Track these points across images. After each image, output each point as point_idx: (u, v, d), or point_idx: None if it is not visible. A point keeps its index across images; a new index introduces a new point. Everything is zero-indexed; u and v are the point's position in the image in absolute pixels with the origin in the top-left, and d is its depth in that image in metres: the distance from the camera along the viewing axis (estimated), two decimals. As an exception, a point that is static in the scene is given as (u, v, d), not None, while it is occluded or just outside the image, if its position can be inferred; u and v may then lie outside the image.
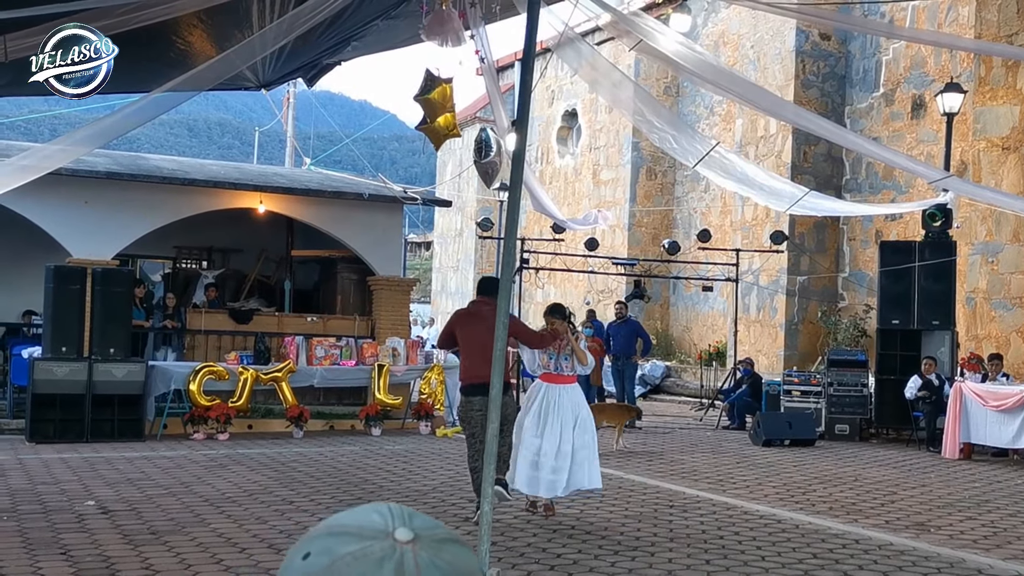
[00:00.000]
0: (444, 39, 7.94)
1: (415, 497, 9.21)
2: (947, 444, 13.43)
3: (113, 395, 12.87)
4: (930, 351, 15.03)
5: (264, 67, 9.93)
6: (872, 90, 20.81)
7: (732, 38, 23.83)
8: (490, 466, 5.31)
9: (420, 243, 52.62)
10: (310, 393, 14.78)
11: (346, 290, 17.34)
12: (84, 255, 14.42)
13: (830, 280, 21.26)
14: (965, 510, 9.34)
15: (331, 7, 7.88)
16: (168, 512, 8.22)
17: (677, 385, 22.61)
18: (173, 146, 65.80)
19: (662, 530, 7.96)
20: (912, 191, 18.80)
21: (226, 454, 11.85)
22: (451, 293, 35.86)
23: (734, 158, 12.10)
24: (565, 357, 8.49)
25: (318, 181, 17.46)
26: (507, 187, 8.61)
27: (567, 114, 31.05)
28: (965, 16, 18.22)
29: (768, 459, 12.66)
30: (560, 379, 8.47)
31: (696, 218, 24.94)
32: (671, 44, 9.04)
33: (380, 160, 67.87)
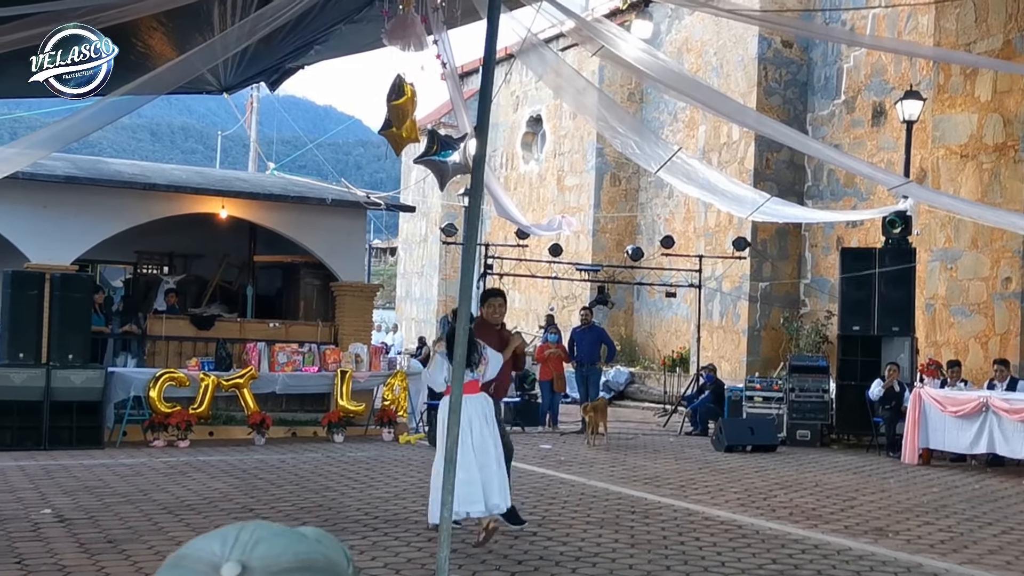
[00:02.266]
0: (406, 44, 7.93)
1: (376, 504, 9.16)
2: (906, 449, 13.55)
3: (72, 402, 12.71)
4: (890, 357, 15.16)
5: (225, 70, 9.86)
6: (833, 97, 20.99)
7: (696, 44, 23.97)
8: (450, 472, 5.29)
9: (385, 248, 52.48)
10: (272, 400, 14.66)
11: (309, 296, 17.23)
12: (43, 260, 14.24)
13: (792, 286, 21.41)
14: (923, 515, 9.42)
15: (293, 10, 7.84)
16: (126, 520, 8.13)
17: (641, 391, 22.68)
18: (136, 150, 65.31)
19: (623, 536, 7.97)
20: (873, 198, 18.97)
21: (186, 461, 11.74)
22: (416, 299, 35.79)
23: (696, 164, 12.18)
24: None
25: (281, 186, 17.35)
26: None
27: (532, 120, 31.11)
28: (924, 25, 18.42)
29: (730, 465, 12.71)
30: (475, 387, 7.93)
31: (660, 224, 25.04)
32: (633, 50, 9.07)
33: (345, 165, 67.64)
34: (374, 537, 7.71)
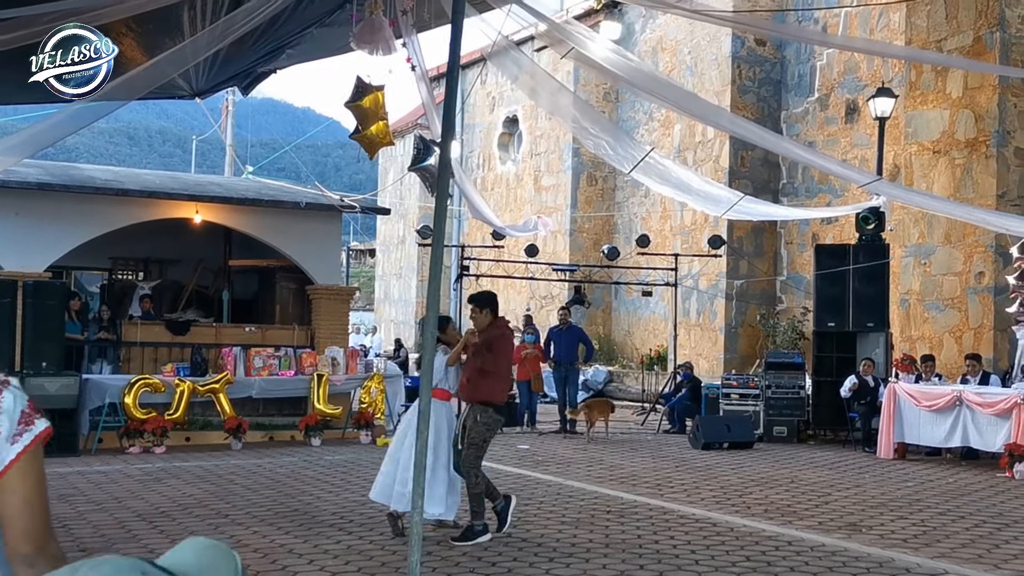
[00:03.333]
0: (374, 48, 7.94)
1: (352, 507, 9.16)
2: (882, 444, 13.63)
3: (46, 410, 12.57)
4: (865, 352, 15.25)
5: (197, 75, 9.83)
6: (807, 95, 21.10)
7: (670, 44, 24.04)
8: (419, 475, 5.30)
9: (364, 250, 52.42)
10: (249, 404, 14.61)
11: (285, 300, 17.20)
12: (15, 267, 14.16)
13: (768, 283, 21.50)
14: (897, 509, 9.49)
15: (263, 14, 7.83)
16: (99, 528, 8.10)
17: (619, 390, 22.71)
18: (113, 155, 64.95)
19: (598, 536, 7.99)
20: (847, 195, 19.07)
21: (162, 467, 11.70)
22: (394, 300, 35.75)
23: (669, 164, 12.23)
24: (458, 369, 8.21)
25: (255, 190, 17.30)
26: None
27: (508, 120, 31.13)
28: (896, 22, 18.54)
29: (707, 462, 12.76)
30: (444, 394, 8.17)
31: (636, 223, 25.11)
32: (603, 51, 9.10)
33: (324, 167, 67.50)
34: (348, 541, 7.70)
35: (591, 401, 16.80)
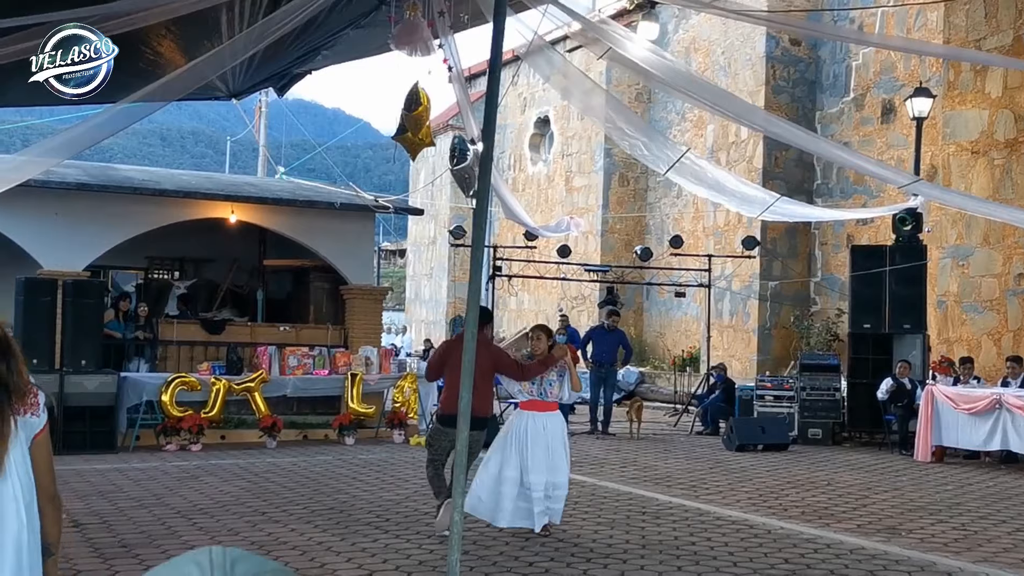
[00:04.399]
0: (413, 49, 7.96)
1: (388, 506, 9.19)
2: (919, 447, 13.52)
3: (85, 407, 12.77)
4: (902, 355, 15.12)
5: (234, 77, 9.89)
6: (842, 95, 20.96)
7: (703, 44, 23.95)
8: (460, 476, 5.30)
9: (394, 251, 52.55)
10: (283, 403, 14.70)
11: (319, 299, 17.26)
12: (55, 267, 14.31)
13: (802, 285, 21.38)
14: (936, 513, 9.40)
15: (301, 17, 7.87)
16: (139, 525, 8.17)
17: (651, 391, 22.65)
18: (146, 155, 65.46)
19: (634, 537, 7.97)
20: (883, 195, 18.94)
21: (198, 465, 11.78)
22: (425, 301, 35.82)
23: (705, 164, 12.18)
24: (550, 382, 8.14)
25: (289, 191, 17.39)
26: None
27: (539, 121, 31.12)
28: (934, 21, 18.39)
29: (741, 464, 12.70)
30: (544, 406, 8.14)
31: (669, 224, 25.03)
32: (639, 51, 9.07)
33: (354, 168, 67.70)
34: (385, 539, 7.73)
35: (634, 401, 17.16)
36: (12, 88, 9.18)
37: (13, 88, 9.21)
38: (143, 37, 8.37)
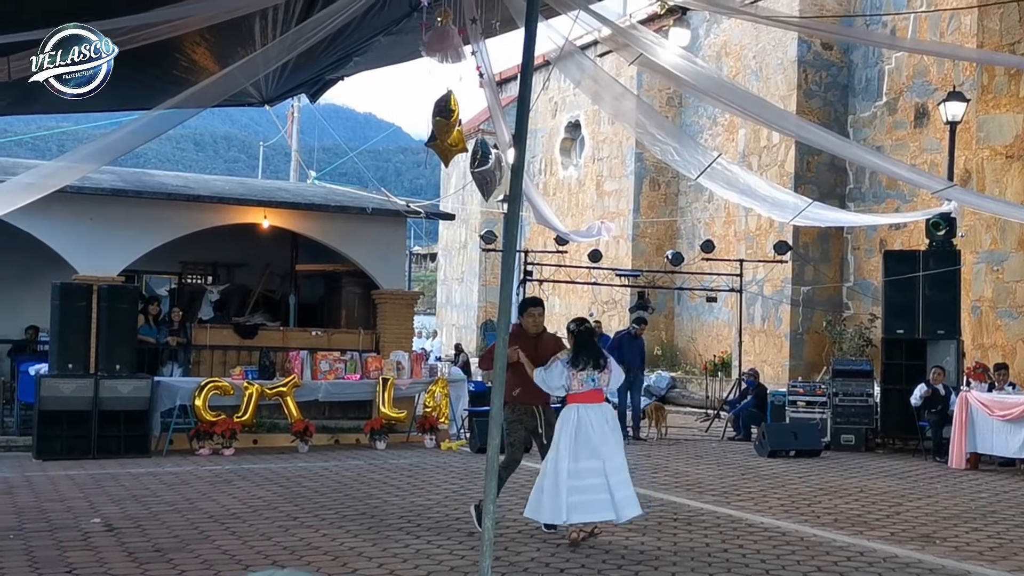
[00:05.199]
0: (444, 55, 7.98)
1: (419, 511, 9.21)
2: (953, 454, 13.41)
3: (119, 411, 12.91)
4: (935, 360, 15.00)
5: (267, 83, 9.98)
6: (875, 99, 20.83)
7: (734, 49, 23.88)
8: (491, 481, 5.32)
9: (425, 255, 52.69)
10: (315, 407, 14.79)
11: (350, 304, 17.35)
12: (90, 272, 14.46)
13: (835, 290, 21.25)
14: (971, 521, 9.32)
15: (333, 24, 7.92)
16: (173, 529, 8.24)
17: (682, 396, 22.59)
18: (179, 160, 66.03)
19: (666, 544, 7.96)
20: (916, 200, 18.80)
21: (231, 469, 11.87)
22: (456, 305, 35.89)
23: (736, 169, 12.12)
24: (591, 377, 7.99)
25: (322, 196, 17.50)
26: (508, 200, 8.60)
27: (570, 125, 31.13)
28: (967, 25, 18.24)
29: (773, 470, 12.64)
30: (589, 396, 7.98)
31: (700, 228, 24.96)
32: (670, 57, 9.06)
33: (385, 172, 67.95)
34: (417, 545, 7.75)
35: (656, 404, 17.52)
36: (46, 94, 9.33)
37: (48, 94, 9.37)
38: (178, 45, 8.46)
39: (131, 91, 9.69)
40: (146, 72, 8.85)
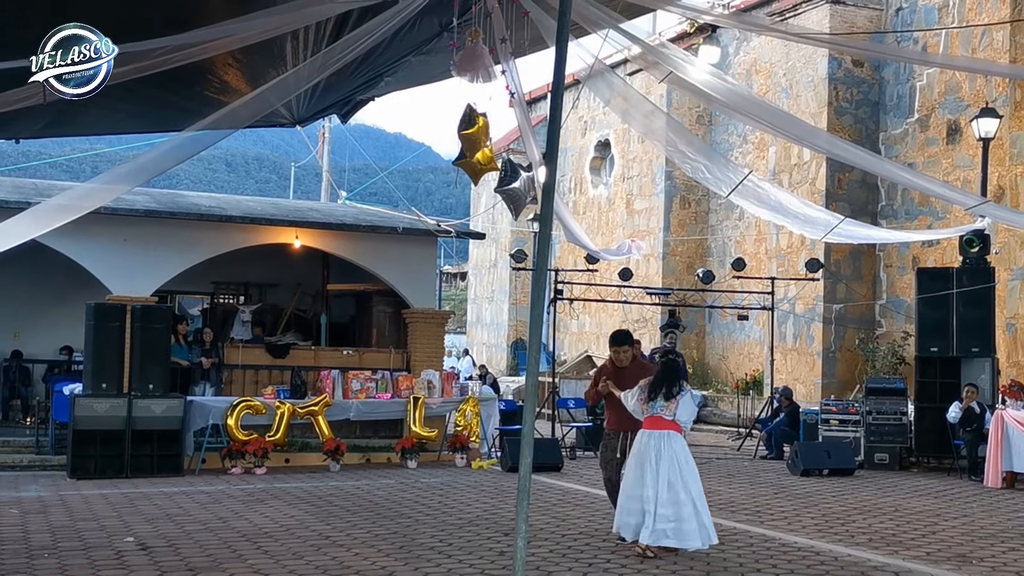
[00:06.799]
0: (475, 75, 8.00)
1: (450, 531, 9.20)
2: (989, 473, 13.25)
3: (152, 431, 13.00)
4: (970, 378, 14.85)
5: (298, 104, 10.05)
6: (906, 116, 20.72)
7: (764, 66, 23.83)
8: (523, 501, 5.31)
9: (455, 274, 52.83)
10: (346, 426, 14.84)
11: (381, 323, 17.41)
12: (123, 292, 14.60)
13: (867, 307, 21.10)
14: (1008, 540, 9.20)
15: (364, 44, 7.97)
16: (206, 548, 8.27)
17: (714, 414, 22.45)
18: (211, 181, 66.55)
19: (699, 564, 7.90)
20: (949, 217, 18.66)
21: (263, 488, 11.91)
22: (486, 324, 35.91)
23: (767, 186, 12.05)
24: (660, 404, 8.22)
25: (353, 216, 17.59)
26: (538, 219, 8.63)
27: (600, 144, 31.14)
28: (1000, 41, 18.12)
29: (806, 489, 12.54)
30: (656, 423, 8.23)
31: (731, 246, 24.86)
32: (701, 75, 9.05)
33: (415, 192, 68.23)
34: (448, 564, 7.74)
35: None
36: (81, 117, 9.43)
37: (82, 117, 9.47)
38: (210, 66, 8.54)
39: (164, 113, 9.80)
40: (179, 93, 8.95)
